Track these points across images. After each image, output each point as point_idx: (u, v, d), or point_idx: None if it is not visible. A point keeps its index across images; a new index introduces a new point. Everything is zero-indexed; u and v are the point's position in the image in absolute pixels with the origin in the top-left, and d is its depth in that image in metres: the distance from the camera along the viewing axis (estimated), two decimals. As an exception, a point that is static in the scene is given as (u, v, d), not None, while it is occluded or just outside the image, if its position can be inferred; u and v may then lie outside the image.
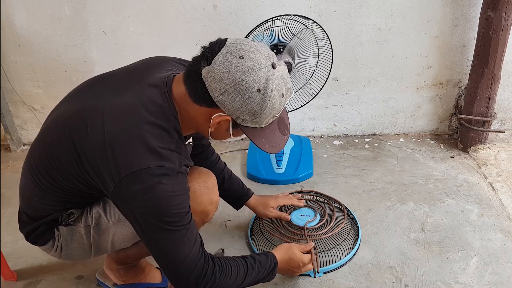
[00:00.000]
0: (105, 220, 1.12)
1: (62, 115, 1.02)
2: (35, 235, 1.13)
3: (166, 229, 0.94)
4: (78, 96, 1.07)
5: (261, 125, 0.98)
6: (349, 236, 1.54)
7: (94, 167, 0.95)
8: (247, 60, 0.90)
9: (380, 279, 1.38)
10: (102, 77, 1.09)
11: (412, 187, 1.84)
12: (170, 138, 0.97)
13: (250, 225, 1.61)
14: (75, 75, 2.10)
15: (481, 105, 1.98)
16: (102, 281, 1.37)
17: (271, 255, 1.17)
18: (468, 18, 1.97)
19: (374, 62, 2.09)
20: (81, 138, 0.95)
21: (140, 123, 0.93)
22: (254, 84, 0.90)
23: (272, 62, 0.92)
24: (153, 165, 0.91)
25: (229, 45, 0.92)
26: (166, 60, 1.11)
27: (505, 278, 1.37)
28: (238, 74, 0.89)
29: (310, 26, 1.63)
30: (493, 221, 1.62)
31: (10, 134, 2.20)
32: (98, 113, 0.96)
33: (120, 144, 0.92)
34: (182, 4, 1.94)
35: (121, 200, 0.95)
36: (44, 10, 1.95)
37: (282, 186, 1.87)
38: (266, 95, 0.91)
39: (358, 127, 2.27)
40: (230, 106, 0.92)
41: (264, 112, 0.93)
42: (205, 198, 1.17)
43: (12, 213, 1.73)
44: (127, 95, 0.98)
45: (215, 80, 0.90)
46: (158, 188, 0.91)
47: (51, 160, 1.00)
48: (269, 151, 1.01)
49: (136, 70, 1.07)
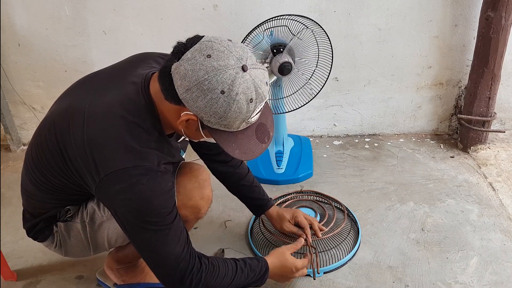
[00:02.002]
0: (99, 215, 1.13)
1: (51, 115, 1.03)
2: (35, 231, 1.15)
3: (148, 228, 0.94)
4: (67, 95, 1.07)
5: (231, 129, 0.93)
6: (349, 236, 1.54)
7: (77, 168, 0.96)
8: (214, 59, 0.86)
9: (380, 279, 1.38)
10: (90, 76, 1.09)
11: (412, 187, 1.84)
12: (149, 135, 0.96)
13: (250, 225, 1.61)
14: (75, 75, 2.10)
15: (481, 105, 1.98)
16: (102, 280, 1.37)
17: (262, 260, 1.17)
18: (468, 18, 1.97)
19: (374, 62, 2.09)
20: (64, 138, 0.96)
21: (118, 123, 0.93)
22: (218, 85, 0.85)
23: (243, 64, 0.87)
24: (130, 165, 0.91)
25: (201, 42, 0.90)
26: (149, 56, 1.10)
27: (505, 278, 1.37)
28: (202, 73, 0.85)
29: (310, 26, 1.63)
30: (493, 221, 1.62)
31: (10, 134, 2.20)
32: (80, 113, 0.96)
33: (98, 145, 0.92)
34: (182, 4, 1.94)
35: (103, 199, 0.97)
36: (44, 10, 1.95)
37: (282, 186, 1.87)
38: (230, 98, 0.86)
39: (358, 127, 2.27)
40: (194, 105, 0.88)
41: (229, 116, 0.88)
42: (196, 193, 1.16)
43: (12, 213, 1.73)
44: (108, 94, 0.98)
45: (180, 76, 0.87)
46: (137, 188, 0.91)
47: (42, 159, 1.02)
48: (239, 157, 0.95)
49: (120, 68, 1.06)
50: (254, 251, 1.50)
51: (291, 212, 1.43)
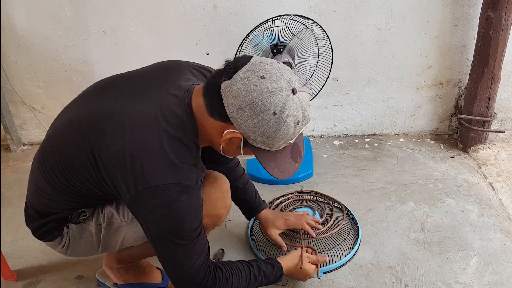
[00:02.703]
0: (117, 219, 1.12)
1: (78, 116, 1.00)
2: (43, 231, 1.12)
3: (176, 242, 0.95)
4: (93, 97, 1.04)
5: (272, 149, 0.96)
6: (349, 236, 1.54)
7: (111, 175, 0.94)
8: (268, 81, 0.88)
9: (380, 279, 1.38)
10: (117, 79, 1.07)
11: (412, 187, 1.84)
12: (189, 152, 0.96)
13: (250, 225, 1.61)
14: (75, 75, 2.10)
15: (481, 105, 1.98)
16: (102, 281, 1.37)
17: (278, 266, 1.18)
18: (468, 18, 1.97)
19: (374, 62, 2.09)
20: (99, 145, 0.94)
21: (161, 136, 0.92)
22: (271, 107, 0.88)
23: (293, 87, 0.90)
24: (171, 181, 0.91)
25: (252, 63, 0.92)
26: (184, 66, 1.09)
27: (505, 278, 1.37)
28: (256, 94, 0.88)
29: (310, 26, 1.63)
30: (493, 221, 1.62)
31: (10, 134, 2.20)
32: (117, 120, 0.94)
33: (139, 157, 0.91)
34: (182, 4, 1.94)
35: (135, 210, 0.96)
36: (44, 10, 1.95)
37: (282, 186, 1.87)
38: (281, 120, 0.89)
39: (358, 127, 2.27)
40: (243, 124, 0.90)
41: (276, 136, 0.91)
42: (220, 203, 1.18)
43: (12, 213, 1.73)
44: (146, 103, 0.96)
45: (232, 95, 0.89)
46: (175, 205, 0.91)
47: (66, 161, 0.99)
48: (277, 176, 0.98)
49: (154, 75, 1.04)
50: (254, 251, 1.50)
51: (282, 220, 1.44)
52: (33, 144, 2.29)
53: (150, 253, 1.28)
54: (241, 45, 1.62)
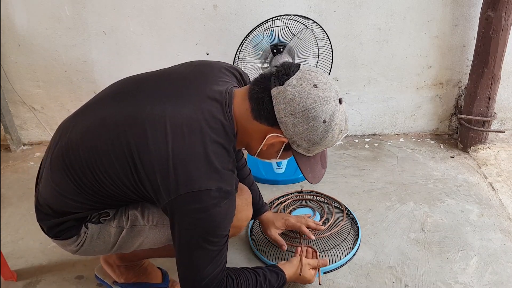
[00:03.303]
0: (141, 223, 1.10)
1: (112, 117, 0.97)
2: (60, 229, 1.08)
3: (204, 247, 0.95)
4: (126, 97, 1.01)
5: (310, 154, 1.00)
6: (349, 236, 1.54)
7: (151, 179, 0.93)
8: (321, 90, 0.92)
9: (380, 279, 1.38)
10: (149, 78, 1.05)
11: (412, 187, 1.84)
12: (229, 157, 0.97)
13: (250, 225, 1.61)
14: (75, 75, 2.10)
15: (481, 105, 1.98)
16: (102, 278, 1.36)
17: (282, 275, 1.19)
18: (468, 18, 1.97)
19: (374, 62, 2.09)
20: (140, 148, 0.92)
21: (204, 142, 0.92)
22: (322, 114, 0.92)
23: (340, 97, 0.95)
24: (214, 187, 0.91)
25: (303, 71, 0.95)
26: (216, 68, 1.08)
27: (505, 278, 1.37)
28: (310, 101, 0.91)
29: (310, 26, 1.63)
30: (493, 221, 1.62)
31: (10, 134, 2.20)
32: (159, 124, 0.93)
33: (183, 162, 0.91)
34: (182, 4, 1.94)
35: (172, 212, 0.94)
36: (44, 10, 1.95)
37: (282, 186, 1.87)
38: (330, 128, 0.93)
39: (358, 127, 2.27)
40: (291, 130, 0.93)
41: (321, 143, 0.96)
42: (244, 215, 1.17)
43: (12, 213, 1.73)
44: (186, 107, 0.95)
45: (285, 101, 0.92)
46: (214, 210, 0.92)
47: (101, 165, 0.96)
48: (311, 180, 1.03)
49: (190, 77, 1.03)
50: (254, 251, 1.50)
51: (282, 220, 1.44)
52: (33, 144, 2.29)
53: (156, 254, 1.28)
54: (241, 45, 1.61)
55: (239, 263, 1.44)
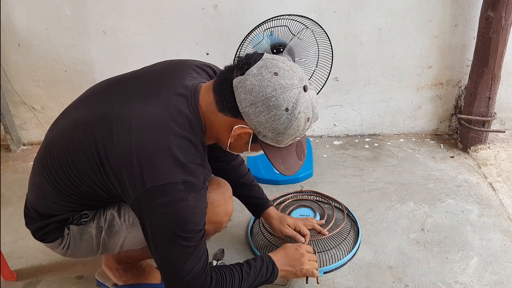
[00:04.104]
0: (118, 223, 1.12)
1: (83, 118, 1.00)
2: (44, 232, 1.11)
3: (178, 243, 0.94)
4: (98, 98, 1.04)
5: (280, 145, 0.97)
6: (349, 236, 1.54)
7: (118, 175, 0.93)
8: (281, 77, 0.90)
9: (380, 279, 1.38)
10: (121, 80, 1.07)
11: (412, 187, 1.84)
12: (196, 151, 0.96)
13: (250, 225, 1.61)
14: (75, 75, 2.11)
15: (481, 105, 1.98)
16: (102, 281, 1.37)
17: (265, 256, 1.17)
18: (468, 18, 1.97)
19: (374, 62, 2.09)
20: (106, 146, 0.94)
21: (168, 136, 0.92)
22: (284, 103, 0.90)
23: (304, 84, 0.92)
24: (179, 180, 0.91)
25: (265, 59, 0.93)
26: (187, 65, 1.09)
27: (505, 278, 1.37)
28: (270, 90, 0.89)
29: (310, 26, 1.63)
30: (493, 221, 1.62)
31: (10, 134, 2.20)
32: (124, 121, 0.94)
33: (147, 156, 0.91)
34: (182, 4, 1.94)
35: (140, 209, 0.95)
36: (44, 10, 1.95)
37: (282, 186, 1.87)
38: (293, 116, 0.91)
39: (358, 127, 2.27)
40: (254, 120, 0.92)
41: (287, 132, 0.93)
42: (222, 209, 1.17)
43: (12, 213, 1.73)
44: (153, 104, 0.96)
45: (245, 91, 0.90)
46: (181, 204, 0.91)
47: (71, 164, 0.98)
48: (283, 172, 1.00)
49: (159, 76, 1.04)
50: (254, 251, 1.50)
51: (292, 219, 1.43)
52: (33, 144, 2.29)
53: (149, 255, 1.28)
54: (241, 45, 1.61)
55: (239, 263, 1.45)
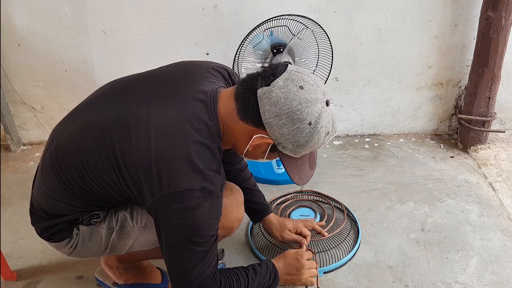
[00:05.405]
0: (130, 224, 1.11)
1: (98, 119, 0.99)
2: (52, 232, 1.10)
3: (191, 248, 0.95)
4: (112, 100, 1.02)
5: (297, 156, 0.99)
6: (349, 236, 1.54)
7: (135, 180, 0.93)
8: (307, 91, 0.91)
9: (380, 279, 1.38)
10: (135, 80, 1.06)
11: (412, 187, 1.84)
12: (213, 157, 0.96)
13: (250, 225, 1.61)
14: (75, 75, 2.10)
15: (481, 105, 1.98)
16: (102, 280, 1.37)
17: (270, 264, 1.18)
18: (468, 18, 1.97)
19: (374, 62, 2.09)
20: (123, 149, 0.93)
21: (187, 142, 0.92)
22: (308, 117, 0.91)
23: (327, 99, 0.94)
24: (197, 187, 0.91)
25: (290, 72, 0.94)
26: (203, 67, 1.08)
27: (505, 278, 1.37)
28: (295, 103, 0.90)
29: (310, 26, 1.63)
30: (493, 221, 1.62)
31: (10, 134, 2.20)
32: (142, 125, 0.93)
33: (166, 162, 0.91)
34: (182, 4, 1.94)
35: (156, 213, 0.94)
36: (44, 10, 1.95)
37: (282, 186, 1.86)
38: (315, 130, 0.93)
39: (358, 127, 2.27)
40: (277, 131, 0.93)
41: (307, 145, 0.95)
42: (234, 215, 1.17)
43: (12, 213, 1.73)
44: (171, 108, 0.95)
45: (270, 102, 0.91)
46: (198, 210, 0.91)
47: (87, 166, 0.98)
48: (297, 182, 1.02)
49: (175, 79, 1.03)
50: (254, 251, 1.50)
51: (292, 222, 1.43)
52: (33, 144, 2.29)
53: (154, 256, 1.28)
54: (241, 45, 1.61)
55: (239, 264, 1.44)
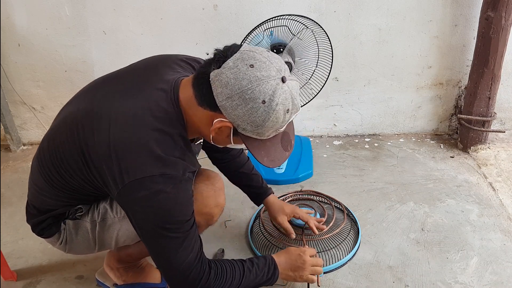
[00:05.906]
0: (111, 215, 1.14)
1: (71, 115, 1.03)
2: (41, 227, 1.14)
3: (165, 235, 0.95)
4: (85, 96, 1.06)
5: (262, 137, 0.96)
6: (349, 236, 1.54)
7: (100, 171, 0.96)
8: (257, 69, 0.88)
9: (380, 279, 1.38)
10: (109, 77, 1.09)
11: (412, 187, 1.84)
12: (175, 144, 0.97)
13: (250, 225, 1.61)
14: (75, 75, 2.11)
15: (481, 105, 1.98)
16: (102, 281, 1.37)
17: (269, 257, 1.18)
18: (468, 18, 1.97)
19: (374, 62, 2.09)
20: (88, 141, 0.96)
21: (146, 130, 0.93)
22: (260, 95, 0.88)
23: (283, 75, 0.90)
24: (156, 172, 0.92)
25: (242, 51, 0.91)
26: (171, 60, 1.09)
27: (505, 278, 1.37)
28: (245, 82, 0.88)
29: (310, 26, 1.63)
30: (493, 221, 1.62)
31: (10, 134, 2.20)
32: (105, 117, 0.96)
33: (125, 151, 0.92)
34: (182, 4, 1.94)
35: (124, 204, 0.97)
36: (44, 10, 1.95)
37: (282, 186, 1.87)
38: (270, 108, 0.89)
39: (358, 127, 2.27)
40: (232, 113, 0.91)
41: (266, 125, 0.91)
42: (212, 201, 1.18)
43: (12, 213, 1.73)
44: (134, 99, 0.97)
45: (221, 84, 0.89)
46: (161, 196, 0.92)
47: (60, 159, 1.02)
48: (267, 164, 0.99)
49: (143, 72, 1.06)
50: (254, 251, 1.50)
51: (291, 207, 1.45)
52: (33, 144, 2.29)
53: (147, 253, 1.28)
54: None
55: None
